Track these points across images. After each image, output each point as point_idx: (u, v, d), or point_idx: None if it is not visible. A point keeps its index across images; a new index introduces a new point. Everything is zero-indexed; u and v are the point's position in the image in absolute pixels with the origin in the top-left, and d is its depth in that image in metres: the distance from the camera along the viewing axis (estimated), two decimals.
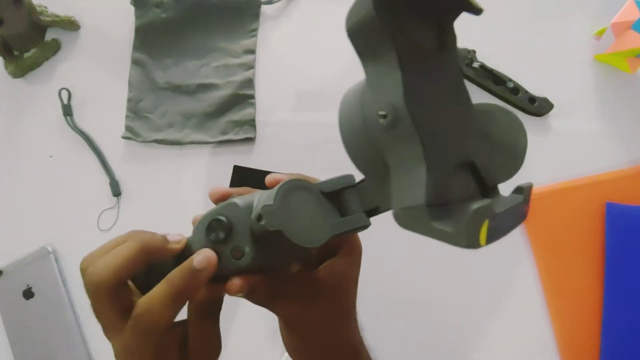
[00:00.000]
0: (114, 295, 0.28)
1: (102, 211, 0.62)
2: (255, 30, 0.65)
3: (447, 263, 0.55)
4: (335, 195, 0.29)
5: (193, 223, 0.30)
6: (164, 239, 0.30)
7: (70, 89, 0.66)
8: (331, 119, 0.60)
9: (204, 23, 0.66)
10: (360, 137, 0.26)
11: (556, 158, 0.56)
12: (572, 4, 0.60)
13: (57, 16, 0.68)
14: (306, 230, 0.26)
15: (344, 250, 0.33)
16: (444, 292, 0.55)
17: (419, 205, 0.22)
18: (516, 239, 0.55)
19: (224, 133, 0.62)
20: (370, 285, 0.55)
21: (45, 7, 0.68)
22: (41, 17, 0.66)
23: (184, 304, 0.28)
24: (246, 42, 0.65)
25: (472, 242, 0.21)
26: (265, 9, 0.66)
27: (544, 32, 0.60)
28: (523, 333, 0.52)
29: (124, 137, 0.63)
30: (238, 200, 0.28)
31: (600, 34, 0.58)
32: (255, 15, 0.66)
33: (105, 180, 0.63)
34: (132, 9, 0.67)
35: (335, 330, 0.32)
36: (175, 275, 0.28)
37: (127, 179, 0.63)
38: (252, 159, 0.60)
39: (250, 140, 0.61)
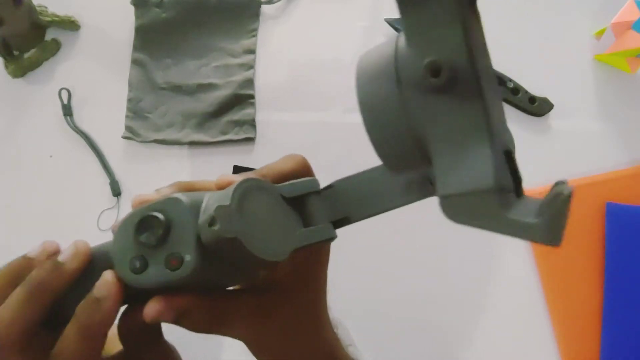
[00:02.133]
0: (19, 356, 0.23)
1: (102, 211, 0.62)
2: (255, 30, 0.65)
3: (446, 263, 0.55)
4: (298, 201, 0.25)
5: (113, 231, 0.24)
6: (53, 266, 0.25)
7: (70, 89, 0.66)
8: (331, 118, 0.60)
9: (204, 23, 0.66)
10: (391, 107, 0.19)
11: (556, 158, 0.56)
12: (572, 4, 0.60)
13: (57, 16, 0.68)
14: (267, 240, 0.22)
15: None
16: (443, 292, 0.55)
17: (486, 190, 0.17)
18: (516, 239, 0.55)
19: (224, 133, 0.62)
20: (370, 285, 0.55)
21: (45, 7, 0.68)
22: (41, 17, 0.66)
23: (103, 340, 0.24)
24: (246, 42, 0.65)
25: (557, 236, 0.17)
26: (265, 9, 0.66)
27: (544, 32, 0.60)
28: (523, 333, 0.52)
29: (124, 137, 0.63)
30: (182, 197, 0.23)
31: (600, 34, 0.58)
32: (255, 15, 0.66)
33: (105, 180, 0.63)
34: (132, 9, 0.67)
35: (306, 340, 0.28)
36: (80, 310, 0.23)
37: (127, 179, 0.63)
38: (252, 159, 0.60)
39: (250, 140, 0.61)
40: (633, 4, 0.54)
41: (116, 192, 0.62)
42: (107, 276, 0.23)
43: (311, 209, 0.25)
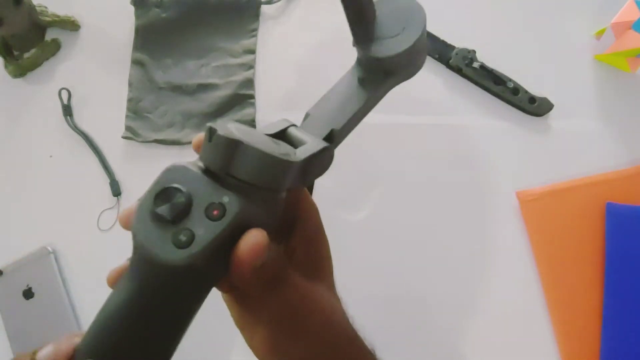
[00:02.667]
0: None
1: (102, 211, 0.62)
2: (255, 30, 0.65)
3: (445, 262, 0.55)
4: (281, 135, 0.27)
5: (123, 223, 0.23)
6: None
7: (70, 89, 0.66)
8: None
9: (204, 23, 0.66)
10: None
11: (556, 158, 0.56)
12: (572, 4, 0.60)
13: (57, 16, 0.68)
14: (270, 148, 0.22)
15: (299, 229, 0.27)
16: (442, 291, 0.55)
17: None
18: (516, 239, 0.55)
19: None
20: (369, 285, 0.55)
21: (45, 7, 0.68)
22: (41, 17, 0.66)
23: None
24: (246, 42, 0.65)
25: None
26: (265, 9, 0.66)
27: (544, 32, 0.60)
28: (523, 333, 0.52)
29: (124, 137, 0.63)
30: (177, 163, 0.22)
31: (600, 34, 0.58)
32: (255, 15, 0.66)
33: (105, 180, 0.63)
34: (132, 9, 0.67)
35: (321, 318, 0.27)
36: None
37: (127, 179, 0.63)
38: None
39: None
40: (633, 4, 0.54)
41: (116, 192, 0.62)
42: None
43: (297, 137, 0.26)
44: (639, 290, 0.50)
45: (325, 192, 0.60)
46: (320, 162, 0.26)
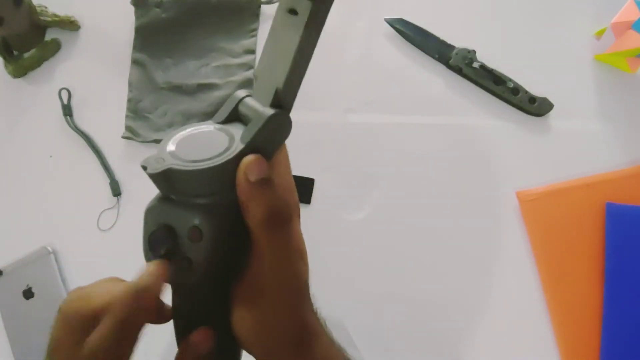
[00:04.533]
0: None
1: (102, 211, 0.62)
2: (255, 30, 0.65)
3: (445, 262, 0.55)
4: (234, 117, 0.26)
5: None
6: (135, 294, 0.24)
7: (70, 89, 0.66)
8: (331, 119, 0.60)
9: (204, 23, 0.66)
10: None
11: (556, 158, 0.56)
12: (572, 4, 0.60)
13: (57, 16, 0.68)
14: (207, 156, 0.23)
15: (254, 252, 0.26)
16: (442, 291, 0.55)
17: None
18: (516, 239, 0.55)
19: None
20: (369, 285, 0.55)
21: (45, 7, 0.68)
22: (41, 17, 0.66)
23: (135, 335, 0.24)
24: (246, 42, 0.65)
25: None
26: (265, 9, 0.66)
27: (544, 32, 0.60)
28: (523, 333, 0.52)
29: (124, 137, 0.63)
30: (150, 203, 0.24)
31: (600, 34, 0.58)
32: (255, 15, 0.66)
33: (105, 180, 0.63)
34: (132, 9, 0.67)
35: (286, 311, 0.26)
36: (116, 304, 0.23)
37: (127, 179, 0.63)
38: None
39: None
40: (633, 4, 0.54)
41: (116, 192, 0.62)
42: (152, 267, 0.24)
43: (250, 110, 0.25)
44: (639, 290, 0.50)
45: (325, 192, 0.60)
46: (273, 133, 0.25)
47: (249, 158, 0.23)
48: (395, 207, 0.58)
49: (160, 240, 0.23)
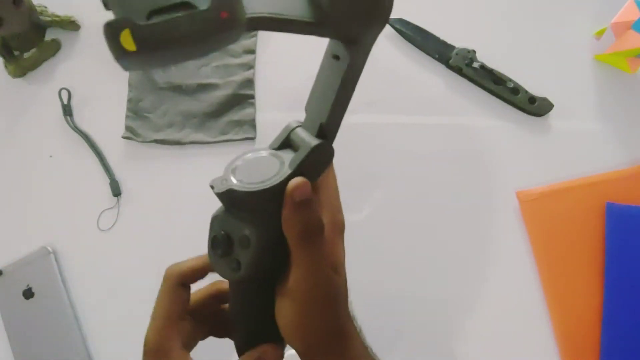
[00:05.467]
0: None
1: (102, 211, 0.62)
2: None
3: (445, 262, 0.55)
4: (287, 144, 0.30)
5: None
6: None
7: (70, 89, 0.66)
8: None
9: None
10: None
11: (556, 158, 0.56)
12: (572, 4, 0.60)
13: (57, 16, 0.68)
14: (263, 178, 0.27)
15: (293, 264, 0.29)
16: (442, 291, 0.55)
17: None
18: (516, 239, 0.55)
19: (224, 133, 0.62)
20: (369, 285, 0.55)
21: (45, 7, 0.68)
22: (41, 17, 0.66)
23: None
24: (246, 42, 0.65)
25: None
26: None
27: (544, 32, 0.60)
28: (523, 333, 0.52)
29: (124, 137, 0.63)
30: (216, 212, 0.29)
31: (600, 34, 0.58)
32: None
33: (105, 180, 0.63)
34: None
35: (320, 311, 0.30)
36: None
37: (127, 179, 0.63)
38: None
39: (250, 140, 0.61)
40: (633, 4, 0.54)
41: (116, 192, 0.62)
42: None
43: (300, 139, 0.29)
44: (639, 290, 0.50)
45: None
46: (317, 160, 0.28)
47: (295, 182, 0.27)
48: (396, 207, 0.58)
49: (219, 244, 0.28)
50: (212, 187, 0.28)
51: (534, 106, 0.57)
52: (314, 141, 0.28)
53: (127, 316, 0.58)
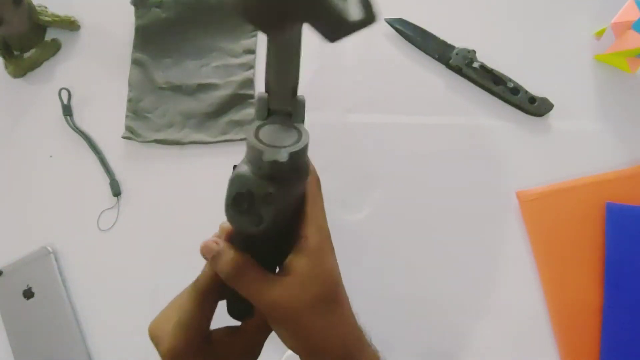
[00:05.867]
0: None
1: (102, 211, 0.62)
2: (256, 30, 0.65)
3: (445, 262, 0.55)
4: (272, 112, 0.34)
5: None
6: (208, 268, 0.35)
7: (70, 89, 0.66)
8: (331, 119, 0.60)
9: (204, 23, 0.66)
10: None
11: (556, 158, 0.56)
12: (572, 4, 0.60)
13: (57, 16, 0.68)
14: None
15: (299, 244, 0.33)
16: (442, 291, 0.55)
17: None
18: (516, 239, 0.55)
19: (224, 133, 0.62)
20: (369, 285, 0.55)
21: (45, 7, 0.68)
22: (41, 17, 0.66)
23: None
24: (246, 42, 0.65)
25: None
26: None
27: (544, 32, 0.60)
28: (523, 333, 0.52)
29: (124, 137, 0.63)
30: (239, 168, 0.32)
31: (600, 34, 0.58)
32: None
33: (105, 180, 0.63)
34: (132, 9, 0.67)
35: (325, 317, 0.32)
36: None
37: (127, 179, 0.63)
38: None
39: None
40: (633, 4, 0.54)
41: (116, 192, 0.62)
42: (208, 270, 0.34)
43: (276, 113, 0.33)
44: (639, 290, 0.50)
45: (325, 192, 0.60)
46: (304, 111, 0.34)
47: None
48: (395, 207, 0.58)
49: (244, 199, 0.31)
50: (259, 151, 0.30)
51: (534, 106, 0.57)
52: (302, 99, 0.33)
53: (127, 316, 0.58)
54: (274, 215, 0.30)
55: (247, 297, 0.32)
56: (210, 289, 0.34)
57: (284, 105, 0.34)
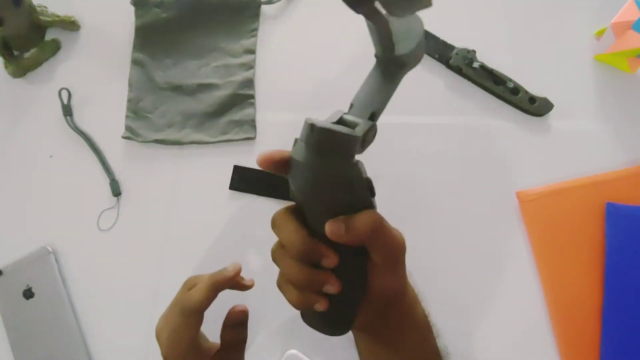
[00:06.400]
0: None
1: (102, 211, 0.62)
2: (255, 30, 0.65)
3: (445, 262, 0.55)
4: (339, 122, 0.35)
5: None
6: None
7: (70, 89, 0.66)
8: None
9: (204, 23, 0.66)
10: None
11: (556, 158, 0.56)
12: (572, 4, 0.61)
13: (57, 16, 0.68)
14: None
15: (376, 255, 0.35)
16: (442, 291, 0.55)
17: None
18: (516, 239, 0.55)
19: (224, 133, 0.62)
20: None
21: (45, 7, 0.68)
22: (41, 17, 0.66)
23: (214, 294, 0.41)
24: (246, 42, 0.65)
25: None
26: (265, 9, 0.66)
27: (544, 32, 0.60)
28: (523, 333, 0.52)
29: (124, 137, 0.63)
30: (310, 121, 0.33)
31: (600, 34, 0.58)
32: (255, 15, 0.66)
33: (105, 180, 0.63)
34: (132, 9, 0.67)
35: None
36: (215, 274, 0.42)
37: (127, 179, 0.63)
38: (252, 159, 0.60)
39: (250, 140, 0.61)
40: (633, 4, 0.54)
41: (116, 192, 0.62)
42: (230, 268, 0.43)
43: (350, 121, 0.35)
44: (639, 290, 0.50)
45: None
46: (370, 135, 0.35)
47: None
48: (395, 207, 0.58)
49: (291, 164, 0.34)
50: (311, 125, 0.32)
51: (534, 106, 0.57)
52: (370, 121, 0.35)
53: (127, 316, 0.59)
54: (305, 180, 0.33)
55: (384, 244, 0.35)
56: (199, 311, 0.41)
57: (354, 122, 0.36)
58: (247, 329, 0.46)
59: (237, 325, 0.45)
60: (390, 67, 0.39)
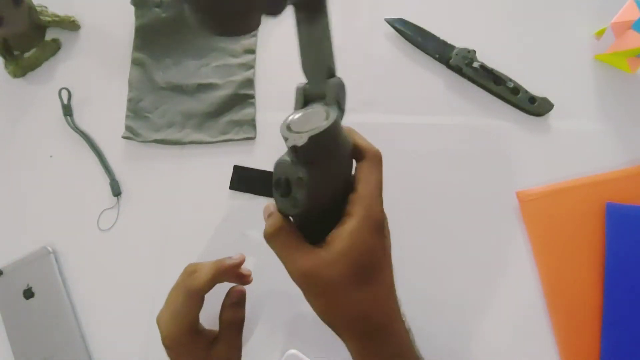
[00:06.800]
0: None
1: (102, 211, 0.62)
2: (255, 30, 0.65)
3: (445, 262, 0.55)
4: (309, 100, 0.37)
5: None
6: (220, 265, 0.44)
7: (70, 89, 0.66)
8: None
9: None
10: None
11: (556, 158, 0.56)
12: (572, 4, 0.61)
13: (57, 16, 0.68)
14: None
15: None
16: (442, 291, 0.55)
17: None
18: (516, 239, 0.55)
19: (224, 133, 0.62)
20: None
21: (45, 7, 0.68)
22: (41, 17, 0.66)
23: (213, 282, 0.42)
24: (246, 42, 0.65)
25: None
26: None
27: (544, 32, 0.60)
28: (522, 333, 0.52)
29: (124, 137, 0.63)
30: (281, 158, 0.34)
31: (600, 34, 0.58)
32: None
33: (105, 180, 0.63)
34: (132, 9, 0.67)
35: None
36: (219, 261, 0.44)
37: (127, 179, 0.63)
38: (252, 159, 0.60)
39: (250, 140, 0.61)
40: (633, 4, 0.54)
41: (116, 192, 0.62)
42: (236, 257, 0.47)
43: (317, 91, 0.37)
44: (639, 291, 0.50)
45: None
46: (341, 97, 0.36)
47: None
48: (395, 207, 0.58)
49: (279, 185, 0.33)
50: (285, 138, 0.32)
51: (534, 106, 0.57)
52: (335, 81, 0.35)
53: (127, 316, 0.58)
54: (308, 198, 0.32)
55: (280, 260, 0.35)
56: (201, 291, 0.42)
57: (319, 90, 0.36)
58: (245, 309, 0.48)
59: (235, 305, 0.47)
60: (309, 3, 0.38)
